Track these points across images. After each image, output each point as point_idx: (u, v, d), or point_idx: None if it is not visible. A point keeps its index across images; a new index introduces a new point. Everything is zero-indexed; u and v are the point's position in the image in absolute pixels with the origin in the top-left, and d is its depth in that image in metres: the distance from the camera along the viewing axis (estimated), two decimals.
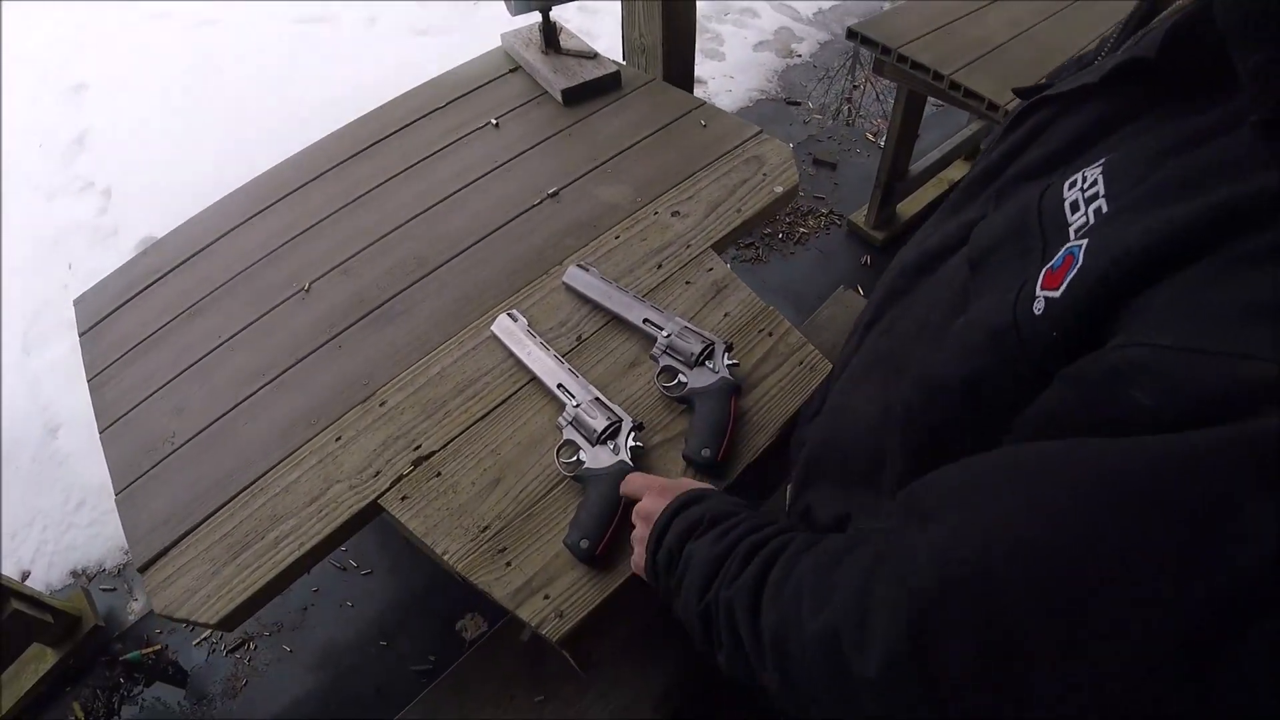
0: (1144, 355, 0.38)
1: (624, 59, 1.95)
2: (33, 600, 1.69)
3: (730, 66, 3.39)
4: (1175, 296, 0.39)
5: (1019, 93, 0.73)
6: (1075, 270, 0.43)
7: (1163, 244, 0.39)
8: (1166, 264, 0.39)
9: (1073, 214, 0.48)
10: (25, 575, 1.96)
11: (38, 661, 1.78)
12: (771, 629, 0.60)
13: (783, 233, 2.71)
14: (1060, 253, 0.46)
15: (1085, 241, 0.44)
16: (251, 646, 1.84)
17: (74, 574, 1.98)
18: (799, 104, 3.24)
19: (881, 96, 3.22)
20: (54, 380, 2.33)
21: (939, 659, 0.43)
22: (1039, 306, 0.45)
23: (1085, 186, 0.48)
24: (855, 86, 3.30)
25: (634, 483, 0.93)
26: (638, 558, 0.84)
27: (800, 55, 3.51)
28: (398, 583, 1.90)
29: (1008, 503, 0.43)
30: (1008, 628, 0.40)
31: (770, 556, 0.64)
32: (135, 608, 1.93)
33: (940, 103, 2.24)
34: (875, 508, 0.65)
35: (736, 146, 1.50)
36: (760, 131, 1.53)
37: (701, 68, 3.19)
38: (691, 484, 0.85)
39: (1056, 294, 0.44)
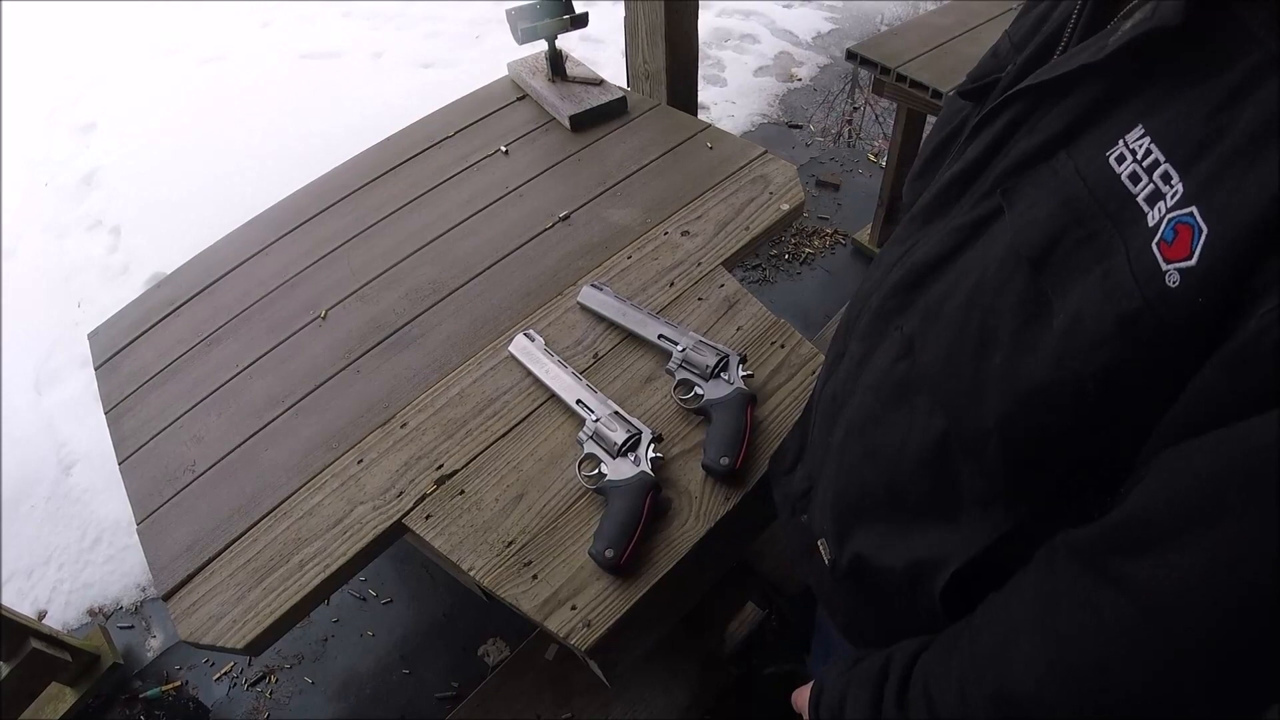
0: None
1: (629, 85, 1.98)
2: (51, 639, 1.68)
3: (732, 92, 3.44)
4: None
5: (964, 95, 0.72)
6: (1204, 237, 0.42)
7: None
8: None
9: (1134, 185, 0.47)
10: (42, 614, 1.95)
11: (57, 701, 1.76)
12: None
13: (789, 253, 2.74)
14: (1164, 223, 0.45)
15: (1194, 208, 0.43)
16: (273, 680, 1.83)
17: (91, 612, 1.97)
18: (800, 127, 3.29)
19: (881, 118, 3.26)
20: (67, 417, 2.34)
21: None
22: (1173, 279, 0.43)
23: (1140, 156, 0.47)
24: (855, 109, 3.35)
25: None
26: None
27: (800, 79, 3.57)
28: (418, 611, 1.89)
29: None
30: None
31: (921, 683, 0.59)
32: (154, 644, 1.92)
33: None
34: (955, 522, 0.61)
35: (743, 166, 1.53)
36: (765, 152, 1.56)
37: (704, 93, 3.24)
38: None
39: (1191, 263, 0.43)
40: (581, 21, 1.60)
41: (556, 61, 1.69)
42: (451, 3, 4.00)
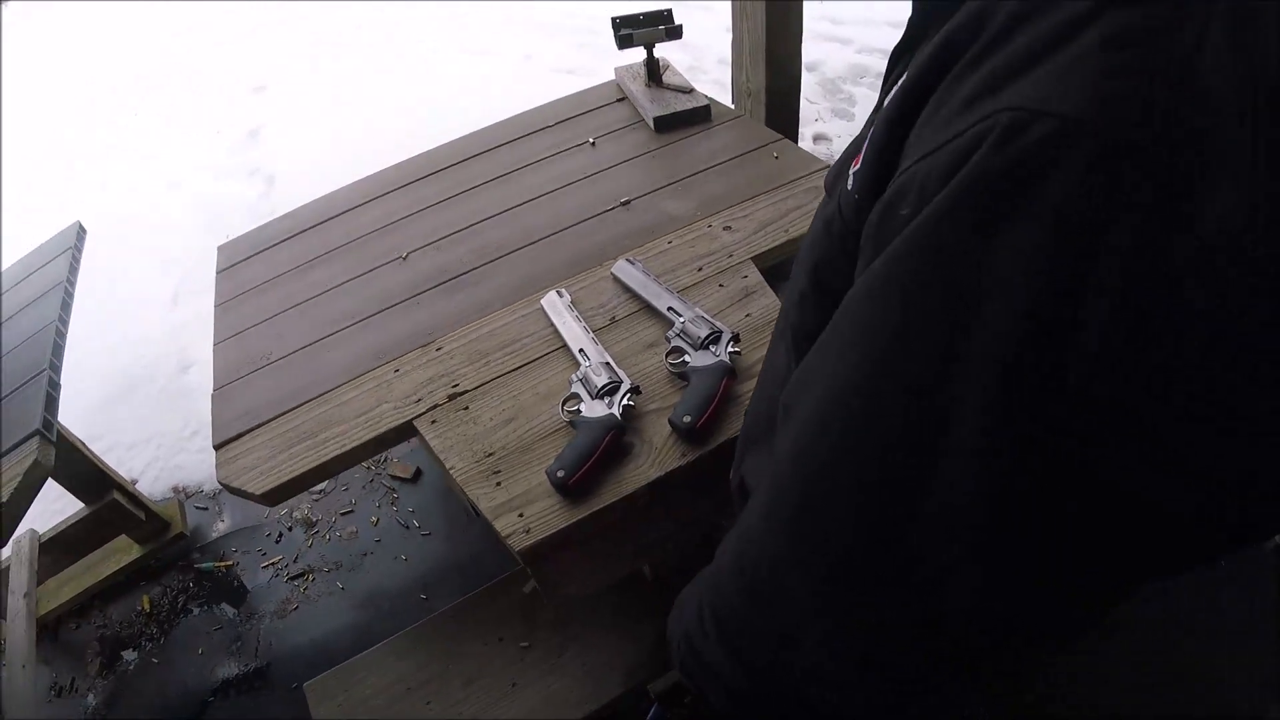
0: (903, 178, 0.43)
1: (733, 102, 2.13)
2: (131, 496, 1.97)
3: (858, 128, 3.49)
4: (922, 122, 0.44)
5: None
6: (868, 142, 0.50)
7: (912, 87, 0.45)
8: (919, 104, 0.44)
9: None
10: (133, 483, 2.27)
11: (123, 553, 2.05)
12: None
13: None
14: (867, 139, 0.52)
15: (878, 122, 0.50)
16: (310, 578, 2.05)
17: (175, 489, 2.29)
18: None
19: None
20: (195, 328, 2.69)
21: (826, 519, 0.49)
22: (850, 183, 0.52)
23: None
24: None
25: None
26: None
27: None
28: (450, 548, 2.06)
29: (831, 364, 0.48)
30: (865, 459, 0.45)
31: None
32: (220, 528, 2.20)
33: None
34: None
35: (801, 177, 1.63)
36: (826, 166, 1.65)
37: (830, 125, 3.31)
38: None
39: (859, 167, 0.51)
40: (677, 33, 1.76)
41: (653, 68, 1.86)
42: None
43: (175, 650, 1.96)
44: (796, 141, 2.01)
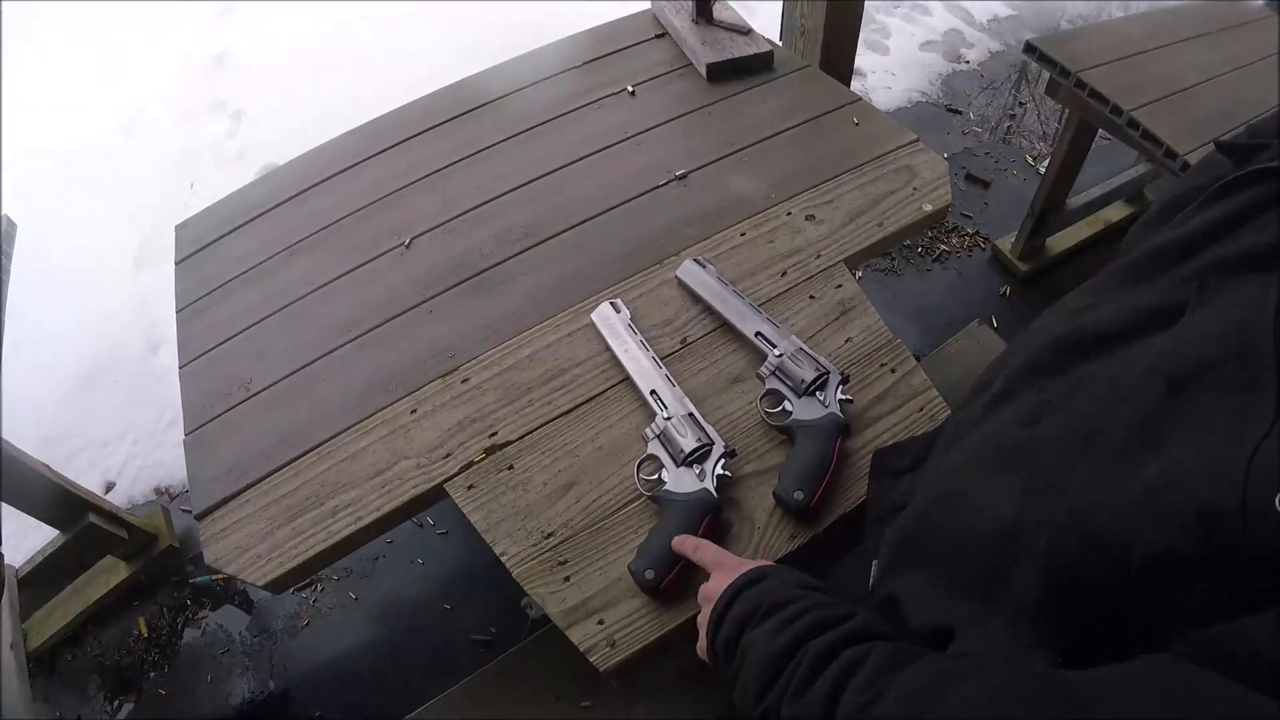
0: None
1: (781, 39, 1.80)
2: (110, 515, 1.73)
3: (893, 62, 3.16)
4: None
5: (1223, 149, 0.58)
6: None
7: None
8: None
9: None
10: (110, 486, 2.01)
11: (110, 573, 1.83)
12: None
13: (922, 247, 2.51)
14: None
15: None
16: (319, 588, 1.84)
17: (158, 491, 2.03)
18: (960, 113, 2.99)
19: (1045, 119, 2.94)
20: (161, 299, 2.33)
21: None
22: None
23: None
24: (1021, 104, 3.03)
25: (699, 551, 0.83)
26: (701, 642, 0.74)
27: (968, 62, 3.24)
28: (471, 549, 1.85)
29: None
30: None
31: (843, 673, 0.54)
32: None
33: (1109, 137, 2.02)
34: (983, 622, 0.54)
35: (888, 153, 1.35)
36: (916, 140, 1.36)
37: (863, 59, 2.98)
38: (756, 563, 0.74)
39: None
40: None
41: (703, 1, 1.53)
42: None
43: (183, 678, 1.76)
44: (848, 84, 1.71)
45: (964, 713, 0.45)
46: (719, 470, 0.94)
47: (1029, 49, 1.94)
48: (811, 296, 1.16)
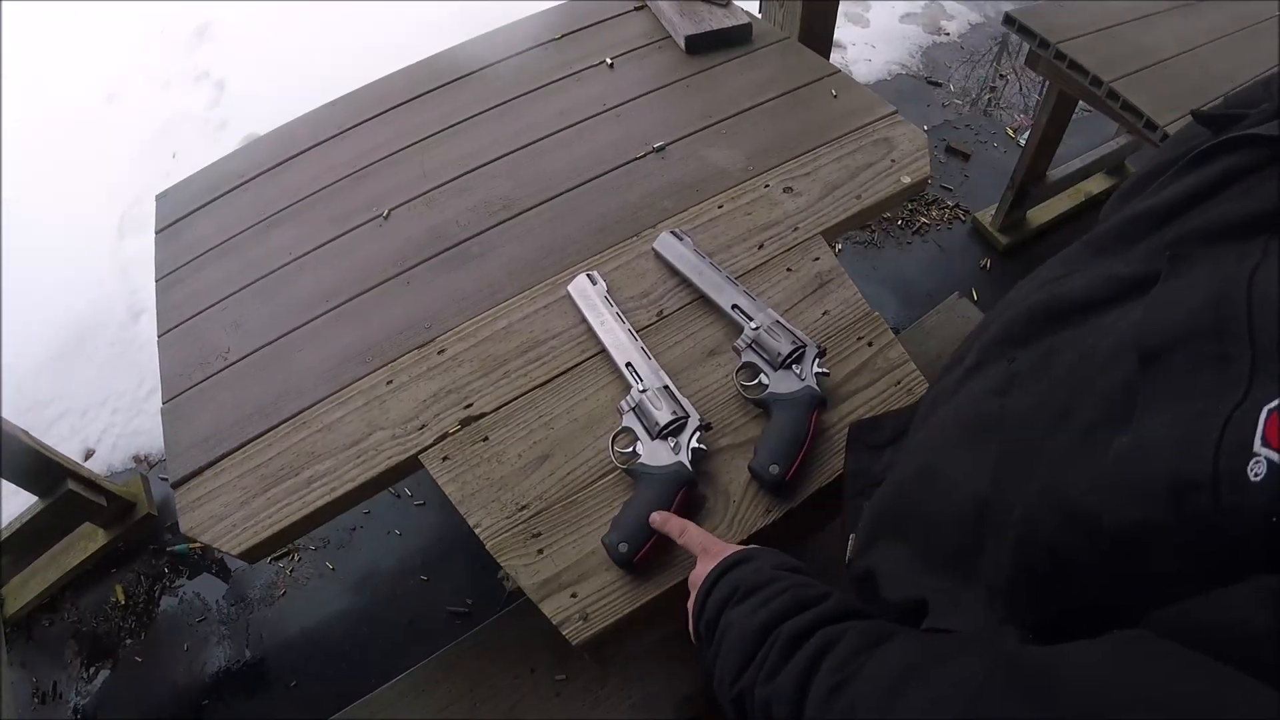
0: None
1: (760, 11, 1.79)
2: (89, 482, 1.73)
3: (873, 35, 3.15)
4: None
5: (1201, 119, 0.57)
6: None
7: None
8: None
9: None
10: (89, 454, 2.01)
11: (88, 540, 1.83)
12: None
13: (902, 220, 2.52)
14: None
15: None
16: (296, 558, 1.85)
17: (137, 459, 2.03)
18: (940, 85, 2.99)
19: (1026, 91, 2.94)
20: (144, 266, 2.33)
21: None
22: (1257, 470, 0.33)
23: None
24: (1001, 76, 3.03)
25: (685, 535, 0.83)
26: (691, 626, 0.74)
27: (948, 34, 3.24)
28: (448, 519, 1.85)
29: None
30: None
31: (815, 654, 0.54)
32: None
33: (1090, 109, 2.02)
34: (957, 596, 0.55)
35: (866, 125, 1.34)
36: (895, 112, 1.36)
37: (842, 31, 2.97)
38: (739, 547, 0.74)
39: None
40: None
41: None
42: None
43: (159, 646, 1.77)
44: (827, 56, 1.71)
45: (932, 699, 0.44)
46: (694, 443, 0.94)
47: (1008, 20, 1.94)
48: (789, 269, 1.16)
